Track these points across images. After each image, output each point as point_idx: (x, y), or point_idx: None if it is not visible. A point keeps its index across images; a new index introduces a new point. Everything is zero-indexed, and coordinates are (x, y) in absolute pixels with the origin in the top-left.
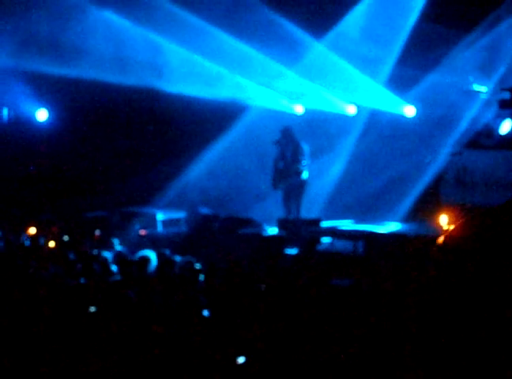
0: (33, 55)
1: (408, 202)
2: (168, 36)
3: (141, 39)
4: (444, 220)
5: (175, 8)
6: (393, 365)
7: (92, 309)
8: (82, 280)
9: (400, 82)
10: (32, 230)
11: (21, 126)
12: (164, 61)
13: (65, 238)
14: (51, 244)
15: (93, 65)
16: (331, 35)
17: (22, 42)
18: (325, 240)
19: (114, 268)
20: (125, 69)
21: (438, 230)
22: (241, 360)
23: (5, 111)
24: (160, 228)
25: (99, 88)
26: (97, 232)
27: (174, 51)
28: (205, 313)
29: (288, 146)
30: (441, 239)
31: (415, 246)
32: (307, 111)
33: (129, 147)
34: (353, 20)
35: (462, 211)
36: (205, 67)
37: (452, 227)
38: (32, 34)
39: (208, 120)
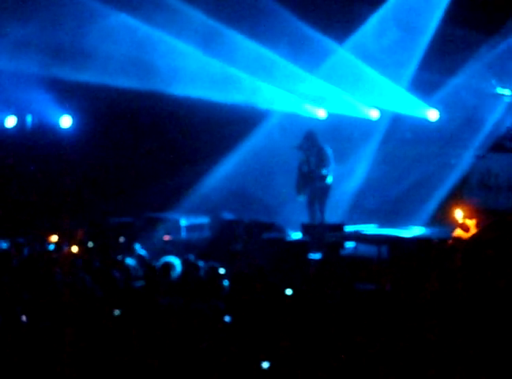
0: (56, 62)
1: (431, 206)
2: (190, 42)
3: (162, 44)
4: (459, 214)
5: (196, 13)
6: (416, 367)
7: (117, 312)
8: (107, 286)
9: (423, 86)
10: (55, 237)
11: (45, 133)
12: (186, 66)
13: (90, 244)
14: (74, 249)
15: (115, 71)
16: (353, 39)
17: (45, 49)
18: (349, 245)
19: (139, 272)
20: (147, 74)
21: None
22: (266, 365)
23: (29, 118)
24: (183, 234)
25: (122, 93)
26: (121, 239)
27: (195, 57)
28: (227, 318)
29: (312, 151)
30: (457, 232)
31: (439, 250)
32: (330, 116)
33: (152, 152)
34: (375, 24)
35: (486, 214)
36: (227, 72)
37: (476, 231)
38: (54, 40)
39: (230, 125)
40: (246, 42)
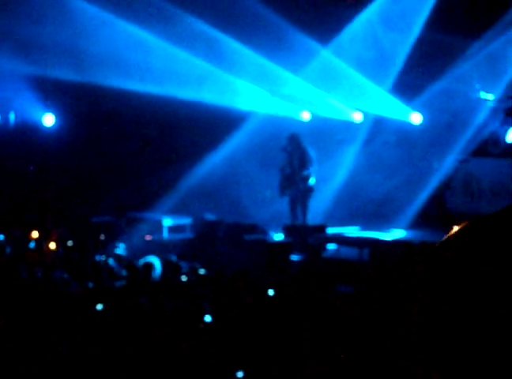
0: (40, 60)
1: (413, 209)
2: (173, 41)
3: (145, 44)
4: None
5: (182, 13)
6: (394, 371)
7: (99, 307)
8: (89, 285)
9: (407, 89)
10: (35, 234)
11: (28, 131)
12: (168, 66)
13: (70, 243)
14: (52, 246)
15: (99, 70)
16: (337, 41)
17: (29, 46)
18: (331, 247)
19: (120, 272)
20: (129, 74)
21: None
22: (240, 375)
23: (12, 116)
24: (165, 234)
25: (105, 93)
26: (102, 237)
27: (178, 57)
28: (208, 318)
29: (295, 152)
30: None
31: (420, 254)
32: (314, 118)
33: (134, 152)
34: (359, 27)
35: (468, 219)
36: (210, 73)
37: (449, 234)
38: (39, 39)
39: (211, 125)
40: (230, 42)
